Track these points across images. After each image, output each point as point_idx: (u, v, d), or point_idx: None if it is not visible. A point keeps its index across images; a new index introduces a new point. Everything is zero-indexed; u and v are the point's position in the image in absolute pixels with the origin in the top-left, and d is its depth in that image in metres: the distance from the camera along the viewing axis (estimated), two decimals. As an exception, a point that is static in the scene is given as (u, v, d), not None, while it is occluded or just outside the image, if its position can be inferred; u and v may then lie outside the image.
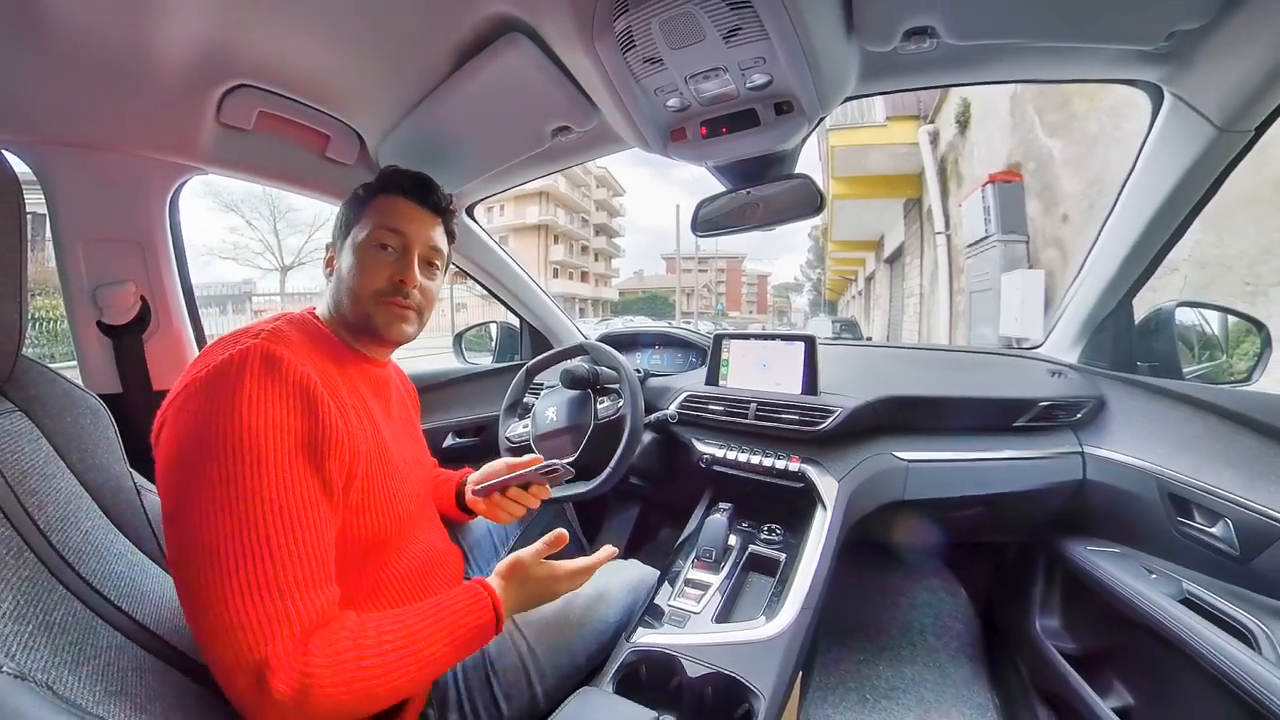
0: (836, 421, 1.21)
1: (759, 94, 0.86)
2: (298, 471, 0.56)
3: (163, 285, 1.17)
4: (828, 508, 1.12)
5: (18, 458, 0.57)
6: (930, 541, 1.45)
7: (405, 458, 0.80)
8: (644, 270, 61.46)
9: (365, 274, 0.75)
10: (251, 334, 0.62)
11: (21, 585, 0.48)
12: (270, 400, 0.55)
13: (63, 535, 0.57)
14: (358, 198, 0.81)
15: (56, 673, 0.44)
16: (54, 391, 0.67)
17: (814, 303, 44.21)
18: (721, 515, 1.15)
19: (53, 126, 0.96)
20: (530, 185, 1.83)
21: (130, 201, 1.10)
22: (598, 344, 1.39)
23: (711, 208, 1.18)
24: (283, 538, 0.52)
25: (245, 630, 0.48)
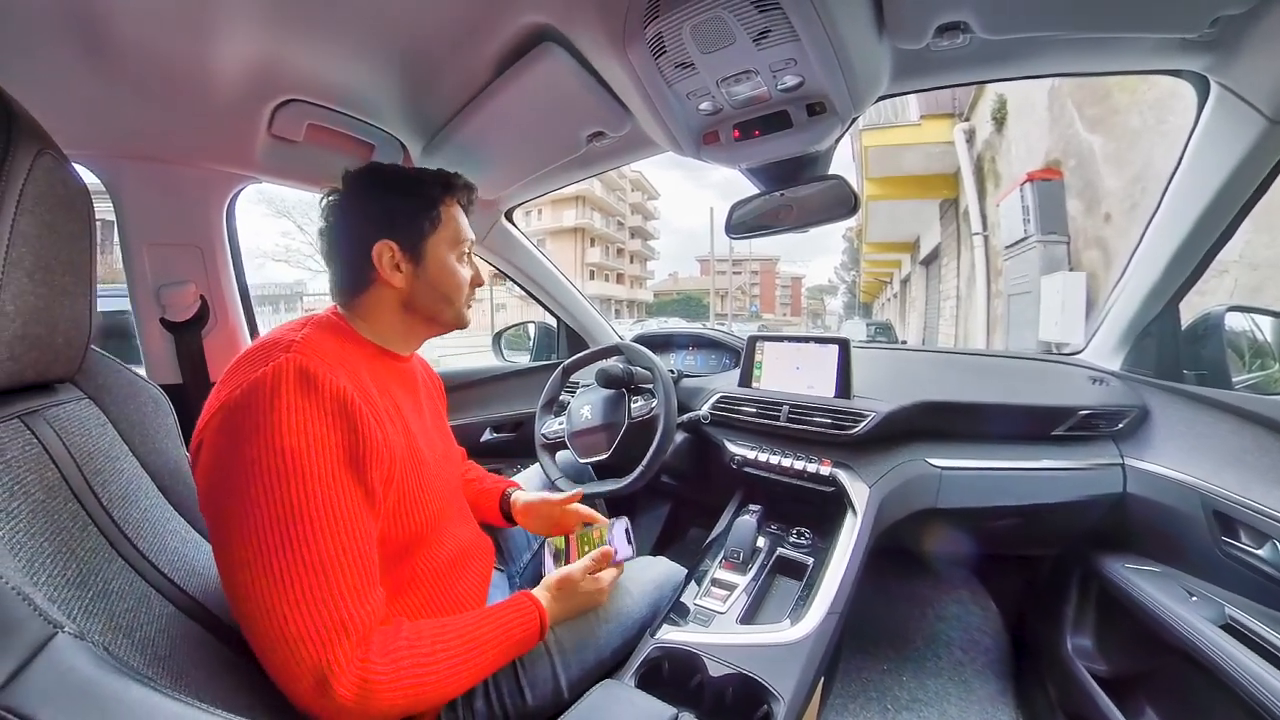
0: (869, 426, 1.19)
1: (791, 95, 0.86)
2: (342, 485, 0.56)
3: (220, 285, 1.25)
4: (858, 513, 1.09)
5: (85, 441, 0.61)
6: (961, 552, 1.40)
7: (435, 454, 0.81)
8: (678, 272, 61.45)
9: (463, 283, 0.81)
10: (282, 346, 0.61)
11: (85, 556, 0.51)
12: (309, 418, 0.55)
13: (123, 512, 0.61)
14: (428, 198, 0.78)
15: (112, 636, 0.47)
16: (119, 381, 0.72)
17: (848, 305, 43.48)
18: (751, 517, 1.14)
19: (120, 142, 1.04)
20: (567, 189, 1.85)
21: (190, 209, 1.19)
22: (632, 344, 1.40)
23: (745, 210, 1.17)
24: (333, 550, 0.53)
25: (305, 641, 0.50)
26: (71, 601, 0.46)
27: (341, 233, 0.76)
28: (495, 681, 0.76)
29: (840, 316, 40.32)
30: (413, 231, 0.76)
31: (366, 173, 0.77)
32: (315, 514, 0.53)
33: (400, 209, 0.76)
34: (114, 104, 0.91)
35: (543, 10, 0.79)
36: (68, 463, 0.57)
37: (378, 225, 0.74)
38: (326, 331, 0.70)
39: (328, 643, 0.51)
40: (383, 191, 0.76)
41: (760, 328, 16.95)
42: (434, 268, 0.78)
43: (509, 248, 1.70)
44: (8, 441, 0.51)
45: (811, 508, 1.21)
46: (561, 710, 0.69)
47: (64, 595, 0.46)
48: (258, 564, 0.51)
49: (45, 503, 0.51)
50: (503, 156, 1.24)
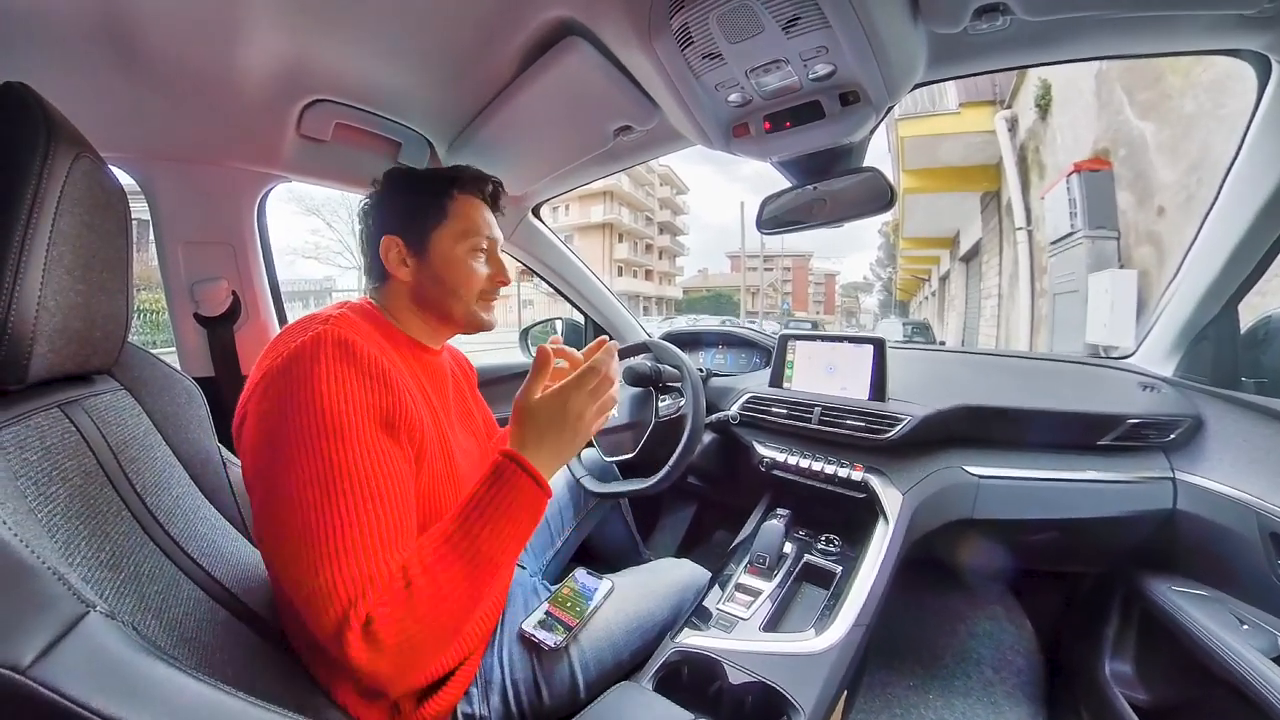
0: (904, 430, 1.17)
1: (822, 85, 0.84)
2: (378, 443, 0.58)
3: (252, 282, 1.30)
4: (890, 521, 1.08)
5: (121, 430, 0.65)
6: (997, 566, 1.36)
7: (462, 449, 0.83)
8: (708, 268, 61.12)
9: (471, 277, 0.80)
10: (320, 320, 0.64)
11: (119, 539, 0.54)
12: (347, 379, 0.58)
13: (156, 498, 0.64)
14: (434, 193, 0.80)
15: (141, 616, 0.50)
16: (155, 373, 0.77)
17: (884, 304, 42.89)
18: (778, 521, 1.14)
19: (154, 144, 1.09)
20: (594, 185, 1.86)
21: (222, 208, 1.24)
22: (661, 342, 1.40)
23: (777, 204, 1.16)
24: (367, 504, 0.55)
25: (332, 594, 0.51)
26: (104, 582, 0.49)
27: (365, 231, 0.82)
28: (513, 679, 0.77)
29: (875, 315, 39.82)
30: (417, 225, 0.79)
31: (386, 175, 0.83)
32: (352, 470, 0.55)
33: (407, 204, 0.80)
34: (147, 108, 0.96)
35: (566, 4, 0.80)
36: (104, 450, 0.60)
37: (387, 221, 0.80)
38: (360, 314, 0.74)
39: (353, 596, 0.52)
40: (395, 190, 0.82)
41: (789, 324, 16.85)
42: (437, 260, 0.79)
43: (536, 244, 1.72)
44: (47, 429, 0.54)
45: (841, 514, 1.20)
46: (578, 710, 0.70)
47: (97, 576, 0.48)
48: (296, 519, 0.53)
49: (82, 488, 0.54)
50: (529, 152, 1.25)
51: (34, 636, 0.35)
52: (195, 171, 1.18)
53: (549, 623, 0.83)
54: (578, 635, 0.82)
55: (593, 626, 0.84)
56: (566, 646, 0.80)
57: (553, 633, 0.81)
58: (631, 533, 1.55)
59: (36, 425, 0.53)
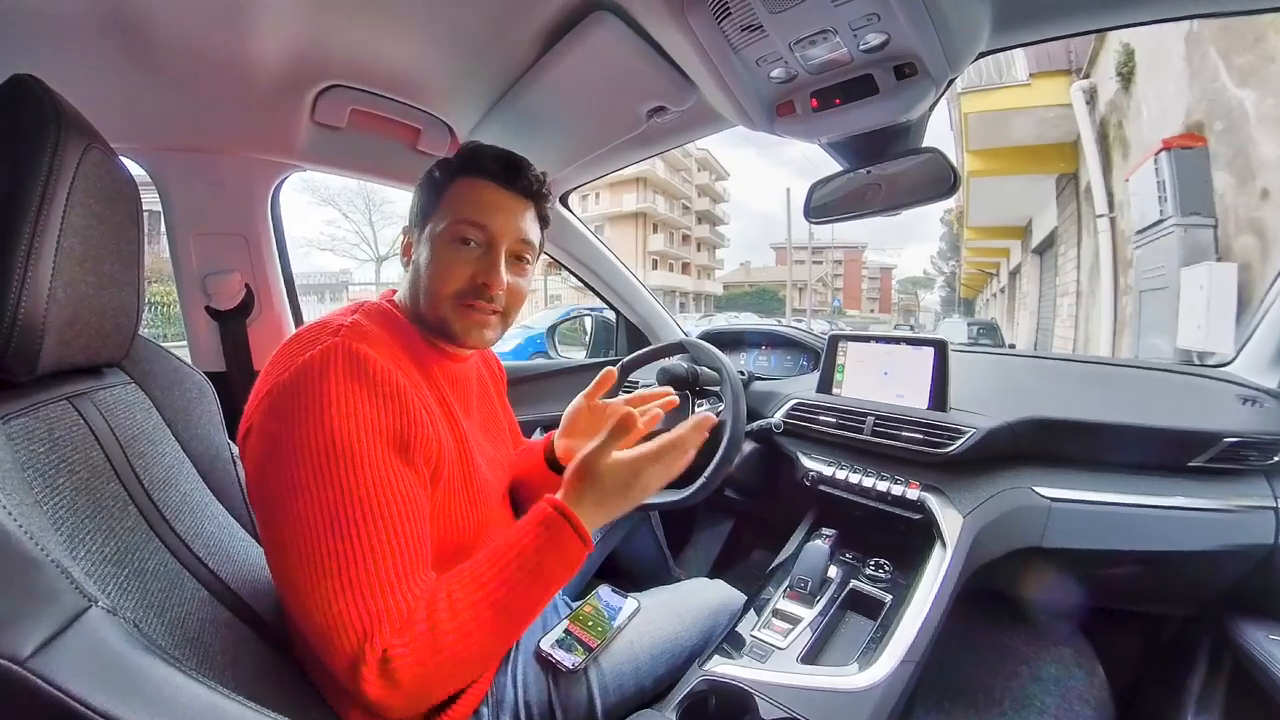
0: (967, 444, 1.14)
1: (875, 57, 0.83)
2: (392, 466, 0.59)
3: (265, 274, 1.36)
4: (948, 546, 1.05)
5: (130, 424, 0.69)
6: (1067, 602, 1.31)
7: (486, 458, 0.84)
8: (751, 261, 60.67)
9: (444, 273, 0.73)
10: (331, 330, 0.64)
11: (124, 534, 0.57)
12: (358, 399, 0.59)
13: (163, 494, 0.67)
14: (434, 180, 0.77)
15: (143, 614, 0.52)
16: (165, 367, 0.80)
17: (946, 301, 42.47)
18: (823, 542, 1.13)
19: (165, 134, 1.14)
20: (627, 171, 1.87)
21: (235, 198, 1.29)
22: (698, 341, 1.40)
23: (826, 190, 1.15)
24: (381, 534, 0.56)
25: (346, 627, 0.53)
26: (107, 578, 0.51)
27: None
28: (525, 700, 0.78)
29: (937, 314, 38.98)
30: (421, 216, 0.78)
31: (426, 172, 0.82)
32: (364, 496, 0.56)
33: (418, 199, 0.79)
34: (157, 97, 1.01)
35: (593, -24, 0.81)
36: (112, 444, 0.64)
37: (409, 216, 0.81)
38: (375, 319, 0.72)
39: (368, 630, 0.53)
40: (419, 184, 0.81)
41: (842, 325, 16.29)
42: (421, 251, 0.76)
43: (564, 235, 1.74)
44: (55, 421, 0.58)
45: (893, 536, 1.18)
46: None
47: (101, 571, 0.51)
48: (305, 547, 0.54)
49: (89, 481, 0.57)
50: (555, 137, 1.27)
51: (35, 628, 0.37)
52: (207, 161, 1.23)
53: (568, 642, 0.84)
54: (598, 657, 0.83)
55: (614, 648, 0.84)
56: (585, 669, 0.80)
57: (571, 653, 0.81)
58: (661, 549, 1.55)
59: (45, 417, 0.56)
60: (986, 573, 1.11)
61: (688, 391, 1.37)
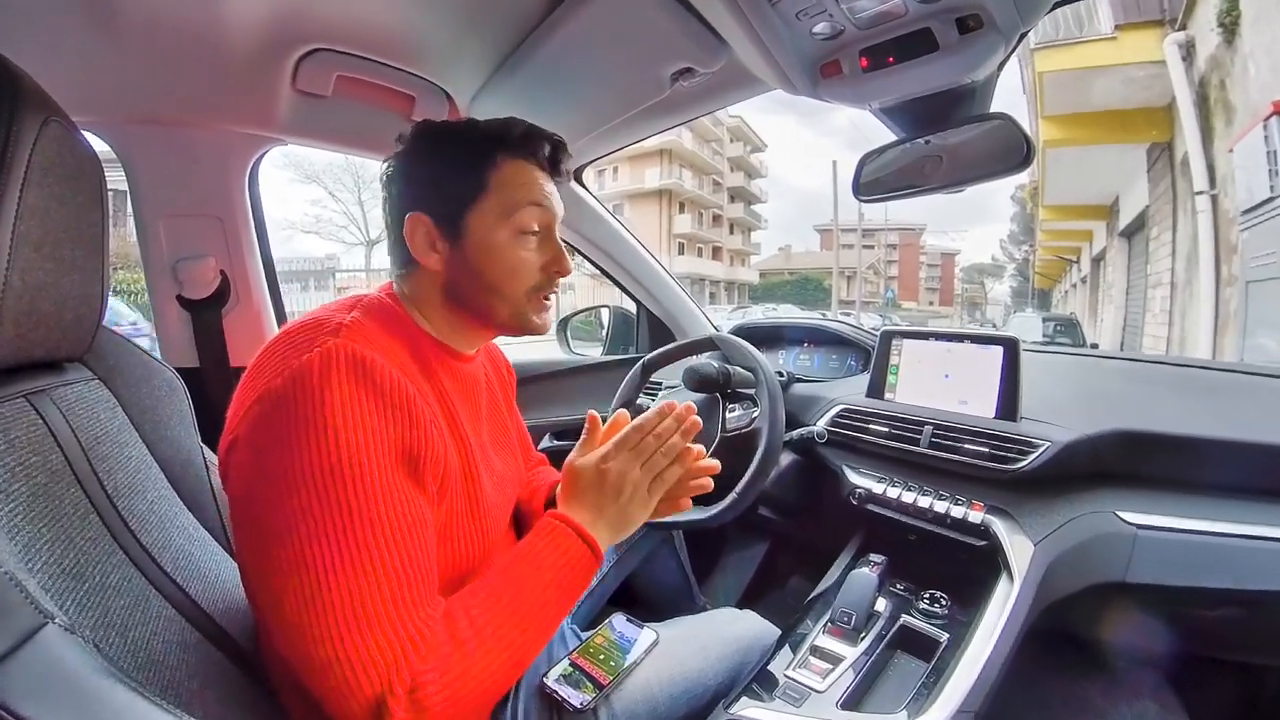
0: (1041, 460, 1.13)
1: (934, 7, 0.82)
2: (402, 485, 0.60)
3: (243, 260, 1.39)
4: (1015, 578, 1.04)
5: (93, 424, 0.70)
6: (1152, 647, 1.28)
7: (494, 476, 0.85)
8: (791, 245, 60.88)
9: (520, 269, 0.78)
10: (329, 330, 0.65)
11: (84, 545, 0.59)
12: (364, 410, 0.59)
13: (129, 502, 0.69)
14: (471, 156, 0.77)
15: (104, 633, 0.54)
16: (132, 363, 0.82)
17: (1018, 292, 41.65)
18: (870, 570, 1.13)
19: (130, 106, 1.17)
20: (649, 142, 1.89)
21: (209, 176, 1.32)
22: (731, 337, 1.41)
23: (878, 164, 1.15)
24: (395, 560, 0.57)
25: (370, 664, 0.54)
26: (65, 593, 0.53)
27: (389, 205, 0.80)
28: None
29: (1007, 308, 38.49)
30: (450, 200, 0.76)
31: (415, 133, 0.80)
32: (376, 519, 0.57)
33: (438, 172, 0.77)
34: (122, 64, 1.03)
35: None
36: (73, 446, 0.65)
37: (413, 196, 0.78)
38: (376, 317, 0.73)
39: (393, 662, 0.54)
40: (424, 152, 0.79)
41: (897, 320, 16.21)
42: (475, 247, 0.76)
43: (577, 215, 1.75)
44: (12, 421, 0.59)
45: (952, 565, 1.17)
46: None
47: (58, 585, 0.53)
48: (307, 577, 0.54)
49: (47, 486, 0.59)
50: (568, 104, 1.27)
51: None
52: (178, 135, 1.26)
53: (575, 677, 0.84)
54: (609, 695, 0.83)
55: (629, 686, 0.85)
56: (595, 708, 0.81)
57: (579, 690, 0.82)
58: (685, 574, 1.56)
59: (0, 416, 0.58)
60: (1059, 610, 1.09)
61: (718, 395, 1.37)
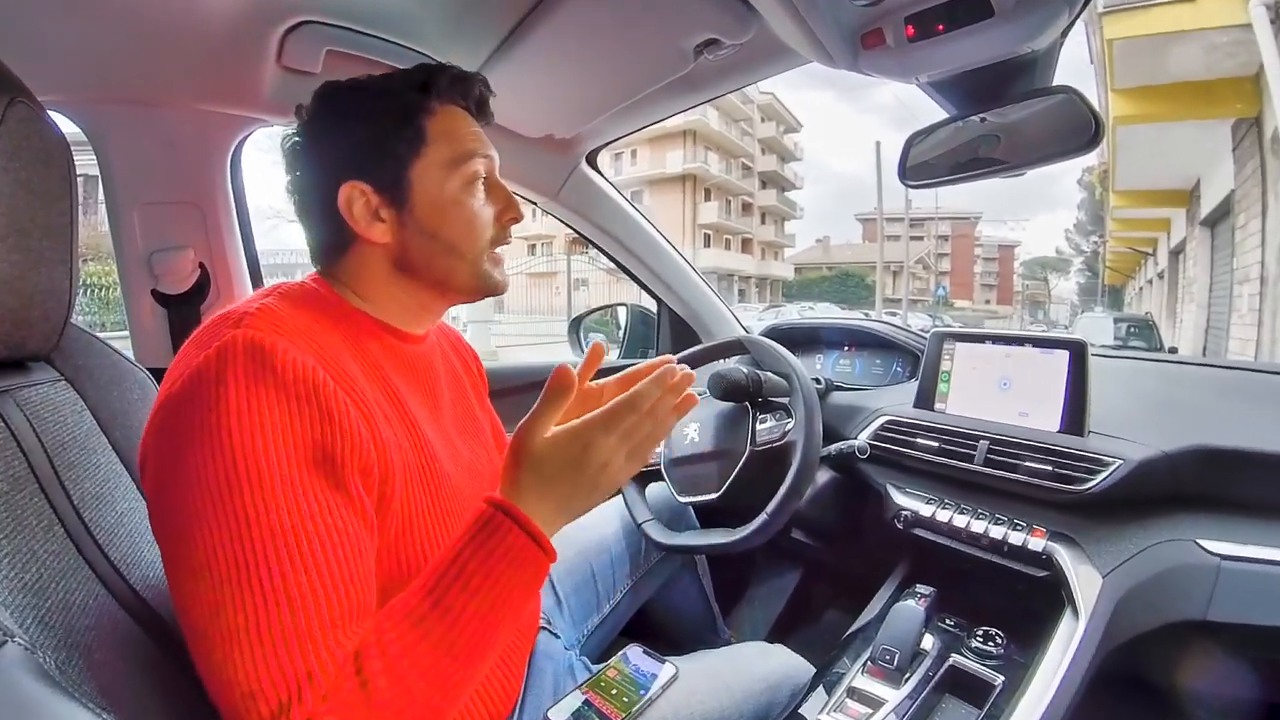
0: (1111, 480, 1.11)
1: None
2: (312, 490, 0.58)
3: (223, 251, 1.41)
4: (1081, 614, 1.03)
5: (59, 429, 0.71)
6: (1237, 695, 1.25)
7: (461, 464, 0.84)
8: (830, 237, 60.40)
9: (476, 222, 0.79)
10: (232, 321, 0.64)
11: (48, 559, 0.60)
12: (263, 406, 0.58)
13: (96, 514, 0.70)
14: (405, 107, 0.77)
15: (67, 654, 0.54)
16: (102, 363, 0.84)
17: (1086, 289, 41.59)
18: (917, 603, 1.12)
19: (102, 84, 1.19)
20: (670, 123, 1.89)
21: (187, 160, 1.34)
22: (762, 340, 1.41)
23: (927, 144, 1.15)
24: (301, 577, 0.55)
25: (259, 694, 0.52)
26: (26, 609, 0.53)
27: (305, 184, 0.79)
28: None
29: (1073, 307, 38.22)
30: (387, 162, 0.76)
31: (320, 99, 0.79)
32: (277, 530, 0.55)
33: (366, 135, 0.76)
34: (93, 39, 1.04)
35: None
36: (38, 453, 0.66)
37: (342, 164, 0.76)
38: (296, 302, 0.72)
39: (285, 700, 0.52)
40: (346, 115, 0.78)
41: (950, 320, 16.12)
42: (425, 206, 0.77)
43: (592, 203, 1.77)
44: None
45: (1009, 598, 1.17)
46: None
47: (18, 601, 0.53)
48: (208, 593, 0.54)
49: (9, 495, 0.59)
50: (580, 81, 1.29)
51: None
52: (154, 116, 1.27)
53: (585, 714, 0.85)
54: None
55: None
56: None
57: None
58: (708, 602, 1.56)
59: None
60: (1130, 652, 1.08)
61: (747, 404, 1.37)
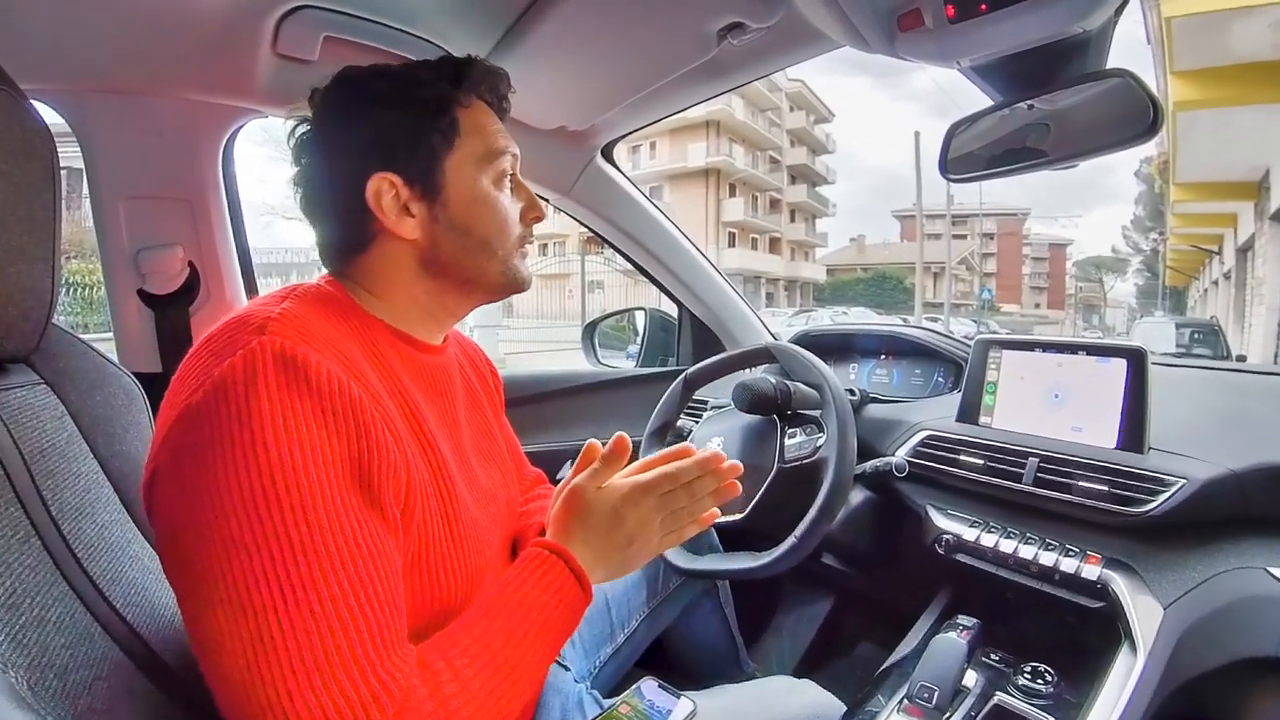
0: (1174, 501, 1.10)
1: None
2: (352, 510, 0.59)
3: (214, 250, 1.43)
4: (1140, 649, 1.02)
5: (38, 435, 0.72)
6: None
7: (476, 490, 0.85)
8: (865, 236, 60.23)
9: (508, 219, 0.84)
10: (253, 326, 0.63)
11: (23, 573, 0.60)
12: (301, 420, 0.58)
13: (75, 526, 0.71)
14: (438, 102, 0.80)
15: (39, 675, 0.55)
16: (85, 366, 0.85)
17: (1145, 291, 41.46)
18: (959, 636, 1.11)
19: (88, 72, 1.21)
20: (692, 113, 1.89)
21: (177, 153, 1.37)
22: (791, 347, 1.42)
23: (971, 134, 1.15)
24: (351, 600, 0.56)
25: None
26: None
27: (321, 175, 0.81)
28: None
29: (1131, 311, 37.81)
30: (420, 153, 0.78)
31: (339, 84, 0.81)
32: (324, 550, 0.56)
33: (397, 125, 0.78)
34: (77, 25, 1.06)
35: None
36: (15, 460, 0.67)
37: (368, 154, 0.78)
38: (317, 307, 0.72)
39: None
40: (368, 105, 0.79)
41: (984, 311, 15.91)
42: (459, 201, 0.80)
43: (608, 199, 1.78)
44: None
45: (1060, 631, 1.17)
46: None
47: None
48: (248, 623, 0.54)
49: None
50: (594, 69, 1.30)
51: None
52: (142, 106, 1.30)
53: None
54: None
55: None
56: None
57: None
58: (731, 633, 1.55)
59: None
60: (1194, 691, 1.06)
61: (775, 417, 1.37)
